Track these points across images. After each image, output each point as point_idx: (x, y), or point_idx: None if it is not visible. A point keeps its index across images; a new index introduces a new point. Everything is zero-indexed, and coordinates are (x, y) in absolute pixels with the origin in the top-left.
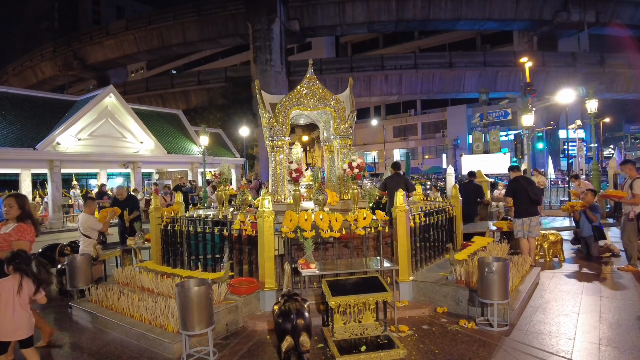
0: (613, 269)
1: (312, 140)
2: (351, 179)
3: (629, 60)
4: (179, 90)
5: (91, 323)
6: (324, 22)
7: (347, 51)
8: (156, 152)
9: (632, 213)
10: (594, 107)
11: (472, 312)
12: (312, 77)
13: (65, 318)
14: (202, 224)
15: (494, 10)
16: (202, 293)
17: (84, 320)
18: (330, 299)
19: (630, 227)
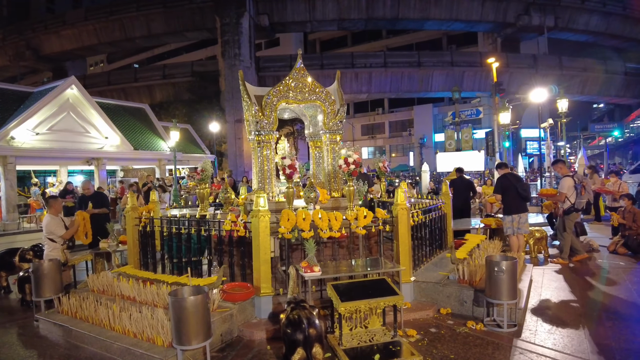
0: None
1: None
2: (347, 175)
3: (584, 64)
4: (142, 85)
5: (64, 338)
6: (294, 17)
7: (316, 48)
8: (122, 148)
9: (560, 209)
10: (564, 106)
11: (478, 312)
12: (302, 68)
13: (32, 333)
14: (187, 225)
15: (461, 11)
16: (199, 303)
17: (55, 335)
18: (340, 305)
19: (560, 222)
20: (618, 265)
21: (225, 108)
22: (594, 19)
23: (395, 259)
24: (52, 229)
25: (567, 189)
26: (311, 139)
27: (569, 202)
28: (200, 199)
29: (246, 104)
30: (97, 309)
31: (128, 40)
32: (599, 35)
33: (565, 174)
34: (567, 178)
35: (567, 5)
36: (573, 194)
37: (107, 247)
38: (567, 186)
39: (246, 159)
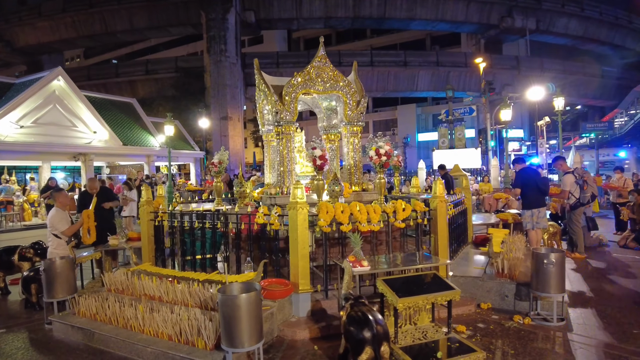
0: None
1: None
2: (379, 167)
3: (563, 66)
4: (124, 80)
5: (84, 342)
6: (280, 14)
7: (300, 46)
8: (111, 143)
9: (567, 205)
10: (561, 104)
11: (520, 306)
12: (324, 57)
13: (45, 337)
14: (213, 219)
15: (446, 12)
16: (253, 301)
17: (73, 339)
18: (398, 301)
19: (569, 217)
20: (634, 259)
21: (211, 105)
22: (573, 23)
23: (434, 253)
24: (55, 223)
25: (570, 185)
26: (325, 132)
27: (574, 198)
28: (216, 193)
29: (263, 94)
30: (121, 310)
31: (109, 34)
32: (577, 38)
33: (566, 170)
34: (569, 175)
35: (548, 9)
36: (576, 189)
37: (117, 244)
38: (570, 183)
39: (232, 157)
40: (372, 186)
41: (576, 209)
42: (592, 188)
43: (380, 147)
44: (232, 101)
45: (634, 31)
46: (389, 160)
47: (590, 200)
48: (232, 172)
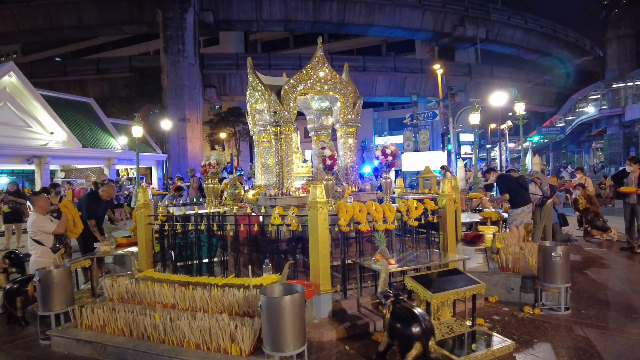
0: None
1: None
2: (385, 167)
3: (511, 74)
4: (73, 79)
5: (94, 356)
6: (239, 16)
7: (257, 48)
8: (69, 145)
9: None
10: (521, 109)
11: (525, 298)
12: (322, 57)
13: (46, 354)
14: (220, 220)
15: (403, 19)
16: (297, 302)
17: (80, 354)
18: (432, 297)
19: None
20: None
21: (168, 106)
22: (518, 34)
23: (443, 249)
24: (40, 226)
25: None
26: (315, 133)
27: (538, 196)
28: (214, 195)
29: (258, 94)
30: (135, 319)
31: (55, 30)
32: (522, 48)
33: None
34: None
35: (496, 20)
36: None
37: (109, 250)
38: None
39: (191, 160)
40: (369, 186)
41: (544, 204)
42: (546, 180)
43: (386, 147)
44: (191, 102)
45: (570, 44)
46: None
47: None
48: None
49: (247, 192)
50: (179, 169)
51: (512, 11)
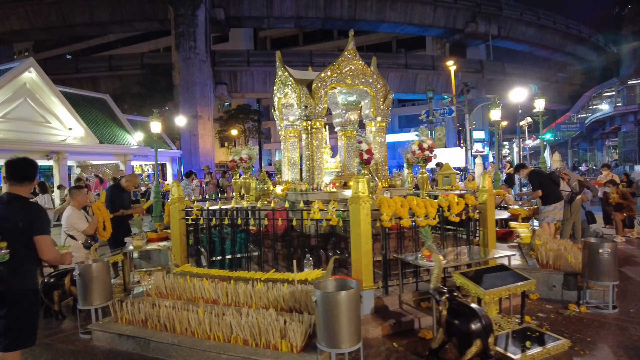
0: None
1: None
2: (422, 161)
3: (523, 71)
4: (86, 76)
5: (137, 351)
6: (250, 13)
7: (266, 45)
8: (87, 140)
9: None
10: (541, 105)
11: (567, 296)
12: (354, 50)
13: (88, 349)
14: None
15: (414, 15)
16: (353, 298)
17: (123, 348)
18: (485, 293)
19: (567, 210)
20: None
21: (180, 103)
22: (530, 30)
23: (483, 245)
24: (73, 222)
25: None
26: (342, 128)
27: (567, 192)
28: (245, 190)
29: (287, 88)
30: (178, 315)
31: (67, 27)
32: (534, 45)
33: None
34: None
35: (508, 16)
36: (563, 184)
37: (142, 245)
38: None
39: (202, 157)
40: (399, 182)
41: (573, 200)
42: (574, 177)
43: (423, 141)
44: (202, 99)
45: (583, 40)
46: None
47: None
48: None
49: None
50: (191, 166)
51: (525, 7)
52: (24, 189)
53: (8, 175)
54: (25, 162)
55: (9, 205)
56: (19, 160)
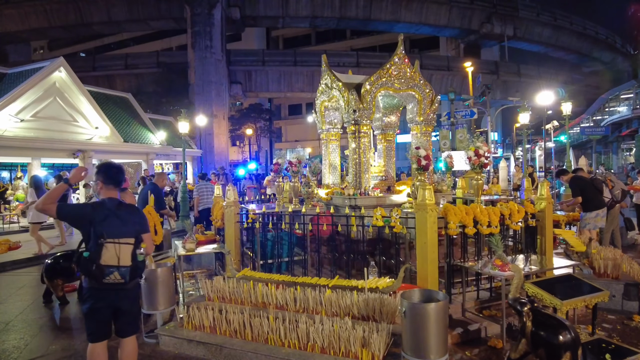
0: None
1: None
2: (478, 167)
3: (538, 72)
4: (101, 74)
5: (208, 358)
6: (266, 12)
7: (279, 45)
8: (112, 139)
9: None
10: (568, 109)
11: (628, 306)
12: (403, 55)
13: (157, 354)
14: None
15: (429, 16)
16: (442, 310)
17: (193, 354)
18: (563, 304)
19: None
20: None
21: (195, 102)
22: (547, 31)
23: (541, 253)
24: None
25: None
26: (382, 131)
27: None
28: (294, 193)
29: (334, 92)
30: (253, 321)
31: (85, 26)
32: (550, 46)
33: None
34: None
35: (524, 17)
36: (605, 190)
37: (194, 248)
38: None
39: (217, 156)
40: (445, 187)
41: (612, 207)
42: (619, 184)
43: (478, 147)
44: (217, 98)
45: (599, 41)
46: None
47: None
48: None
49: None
50: (206, 165)
51: (542, 8)
52: (126, 195)
53: (106, 179)
54: (118, 167)
55: (124, 209)
56: (113, 165)
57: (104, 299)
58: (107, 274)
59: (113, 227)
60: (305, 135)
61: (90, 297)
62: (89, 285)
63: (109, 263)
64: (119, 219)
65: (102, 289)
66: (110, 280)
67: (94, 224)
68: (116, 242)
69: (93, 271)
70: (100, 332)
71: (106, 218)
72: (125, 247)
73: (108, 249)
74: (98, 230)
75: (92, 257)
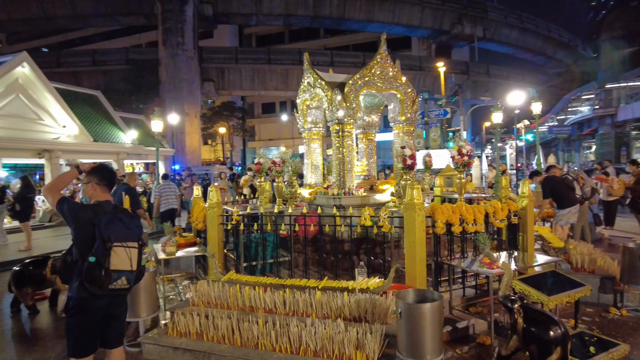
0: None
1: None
2: (462, 166)
3: (507, 72)
4: (67, 71)
5: None
6: (239, 9)
7: (252, 43)
8: (80, 139)
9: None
10: (538, 108)
11: (603, 299)
12: (386, 54)
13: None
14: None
15: (402, 16)
16: (438, 310)
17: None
18: (550, 300)
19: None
20: None
21: (166, 100)
22: (514, 33)
23: (523, 250)
24: None
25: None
26: (363, 130)
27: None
28: (277, 194)
29: (317, 90)
30: (242, 326)
31: (48, 19)
32: (517, 47)
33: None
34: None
35: (493, 19)
36: (578, 188)
37: (175, 251)
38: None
39: (189, 155)
40: (427, 186)
41: (582, 204)
42: (589, 182)
43: (462, 146)
44: (189, 97)
45: (563, 44)
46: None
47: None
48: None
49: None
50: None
51: (509, 10)
52: (109, 195)
53: (103, 180)
54: (111, 169)
55: (123, 213)
56: (107, 167)
57: (101, 308)
58: (114, 280)
59: (120, 231)
60: (279, 134)
61: (84, 308)
62: (84, 295)
63: (119, 268)
64: (122, 222)
65: (101, 297)
66: (117, 286)
67: (98, 226)
68: (125, 245)
69: (101, 277)
70: (91, 345)
71: (111, 221)
72: (134, 251)
73: (117, 254)
74: (104, 234)
75: (100, 262)
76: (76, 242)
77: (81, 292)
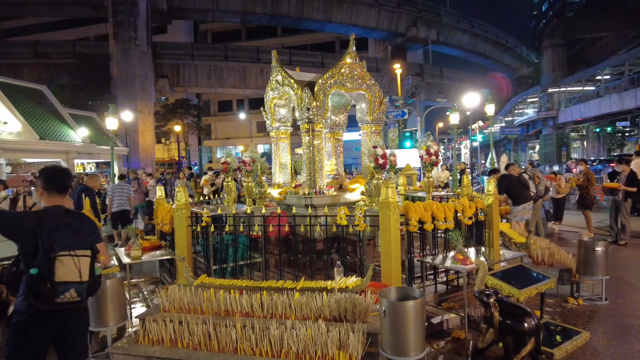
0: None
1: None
2: (429, 165)
3: (459, 75)
4: (5, 63)
5: None
6: (195, 5)
7: (207, 39)
8: (25, 136)
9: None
10: (492, 110)
11: (562, 290)
12: (355, 54)
13: None
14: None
15: (359, 17)
16: (420, 307)
17: None
18: (521, 293)
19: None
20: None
21: (117, 97)
22: (466, 37)
23: (489, 246)
24: None
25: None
26: (332, 130)
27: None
28: (247, 194)
29: (286, 89)
30: (220, 331)
31: None
32: (468, 51)
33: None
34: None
35: (446, 23)
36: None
37: (140, 255)
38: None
39: (142, 154)
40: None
41: (536, 201)
42: (543, 181)
43: (429, 146)
44: (143, 93)
45: (509, 49)
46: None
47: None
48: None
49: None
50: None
51: (461, 15)
52: (66, 201)
53: (49, 185)
54: (63, 171)
55: (74, 218)
56: (57, 169)
57: (49, 324)
58: (61, 292)
59: (65, 238)
60: (237, 132)
61: (29, 324)
62: (30, 310)
63: (65, 279)
64: (70, 228)
65: (49, 312)
66: (64, 299)
67: (40, 235)
68: (72, 254)
69: (45, 290)
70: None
71: (56, 228)
72: (84, 260)
73: (64, 263)
74: (47, 242)
75: (42, 274)
76: (21, 254)
77: (25, 307)
